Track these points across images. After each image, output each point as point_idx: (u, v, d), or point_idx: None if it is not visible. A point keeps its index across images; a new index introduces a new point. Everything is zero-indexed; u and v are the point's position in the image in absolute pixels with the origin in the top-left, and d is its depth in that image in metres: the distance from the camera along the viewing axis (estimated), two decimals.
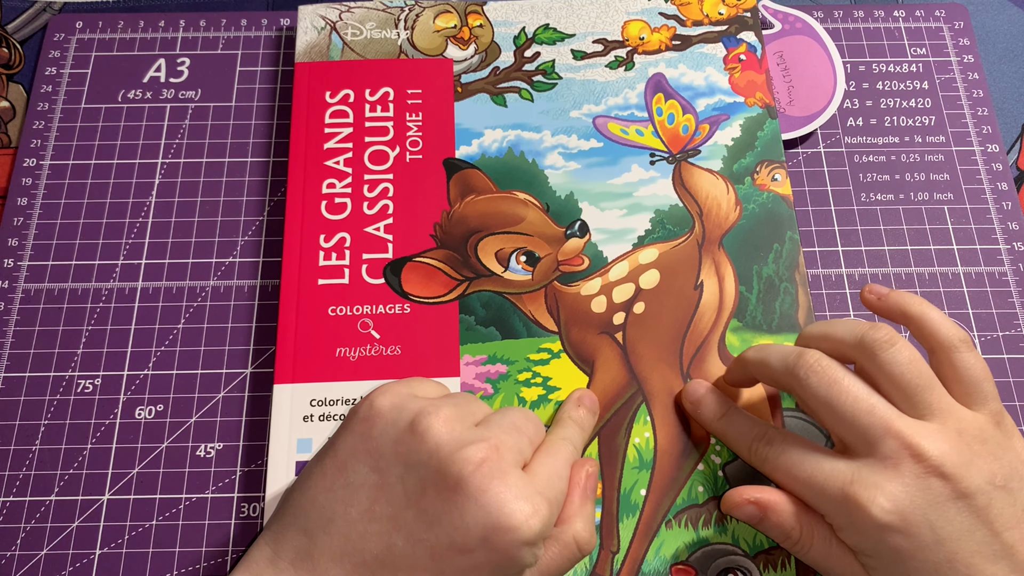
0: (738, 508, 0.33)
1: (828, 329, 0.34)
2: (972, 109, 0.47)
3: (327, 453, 0.31)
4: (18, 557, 0.36)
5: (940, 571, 0.29)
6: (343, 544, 0.29)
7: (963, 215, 0.44)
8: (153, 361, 0.40)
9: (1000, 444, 0.31)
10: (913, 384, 0.31)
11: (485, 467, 0.29)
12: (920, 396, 0.31)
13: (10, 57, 0.48)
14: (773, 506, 0.32)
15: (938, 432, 0.30)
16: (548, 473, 0.31)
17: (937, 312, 0.33)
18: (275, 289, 0.42)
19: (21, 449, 0.38)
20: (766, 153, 0.42)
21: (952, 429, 0.30)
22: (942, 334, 0.32)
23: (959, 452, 0.30)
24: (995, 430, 0.31)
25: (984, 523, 0.29)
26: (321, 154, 0.42)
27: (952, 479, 0.29)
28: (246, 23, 0.48)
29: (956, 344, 0.32)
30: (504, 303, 0.39)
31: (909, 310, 0.33)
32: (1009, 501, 0.29)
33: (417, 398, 0.31)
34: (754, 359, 0.34)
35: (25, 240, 0.43)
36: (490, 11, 0.45)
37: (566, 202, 0.41)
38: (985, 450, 0.30)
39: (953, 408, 0.31)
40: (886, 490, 0.29)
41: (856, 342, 0.32)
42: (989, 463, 0.30)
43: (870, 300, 0.35)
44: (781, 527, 0.32)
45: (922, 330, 0.33)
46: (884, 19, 0.49)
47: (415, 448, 0.29)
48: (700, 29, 0.45)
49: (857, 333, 0.32)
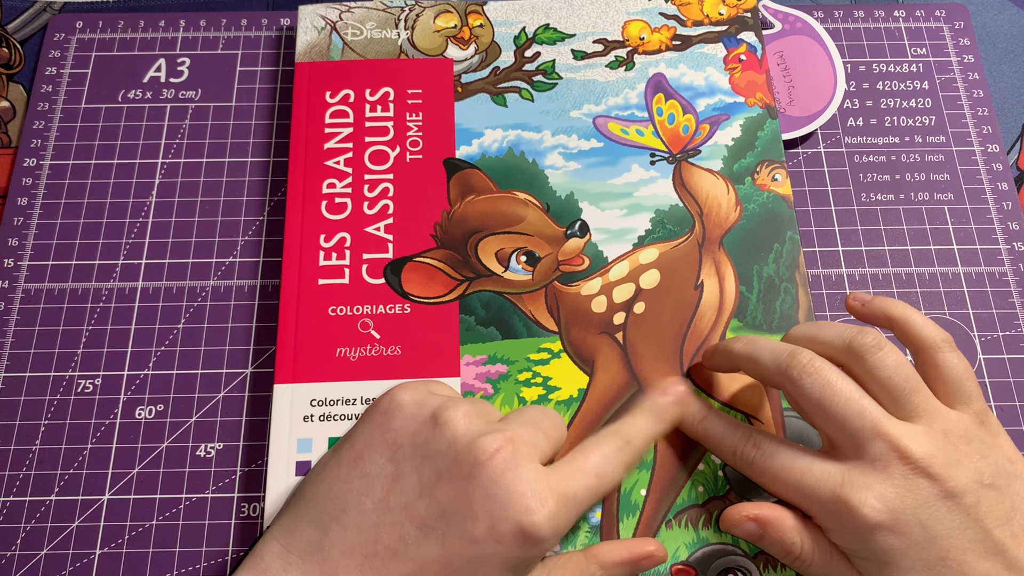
0: (737, 526, 0.32)
1: (816, 332, 0.34)
2: (972, 109, 0.47)
3: (344, 444, 0.31)
4: (18, 557, 0.36)
5: (933, 569, 0.29)
6: (356, 536, 0.29)
7: (963, 215, 0.44)
8: (153, 361, 0.40)
9: (985, 443, 0.31)
10: (900, 387, 0.31)
11: (499, 457, 0.29)
12: (907, 398, 0.31)
13: (10, 57, 0.48)
14: (773, 521, 0.32)
15: (925, 434, 0.30)
16: (570, 470, 0.31)
17: (919, 315, 0.33)
18: (275, 289, 0.42)
19: (21, 449, 0.38)
20: (766, 153, 0.42)
21: (938, 430, 0.31)
22: (924, 335, 0.33)
23: (946, 453, 0.30)
24: (980, 429, 0.31)
25: (974, 521, 0.29)
26: (321, 154, 0.42)
27: (940, 479, 0.29)
28: (246, 23, 0.48)
29: (939, 344, 0.32)
30: (504, 303, 0.39)
31: (892, 313, 0.34)
32: (998, 499, 0.30)
33: (437, 395, 0.32)
34: (742, 353, 0.34)
35: (25, 240, 0.43)
36: (490, 11, 0.45)
37: (566, 202, 0.41)
38: (971, 449, 0.30)
39: (939, 410, 0.31)
40: (876, 491, 0.30)
41: (844, 346, 0.32)
42: (976, 462, 0.30)
43: (854, 307, 0.35)
44: (782, 542, 0.32)
45: (906, 332, 0.33)
46: (884, 19, 0.49)
47: (434, 439, 0.30)
48: (700, 29, 0.45)
49: (845, 337, 0.32)
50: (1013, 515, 0.30)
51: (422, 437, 0.30)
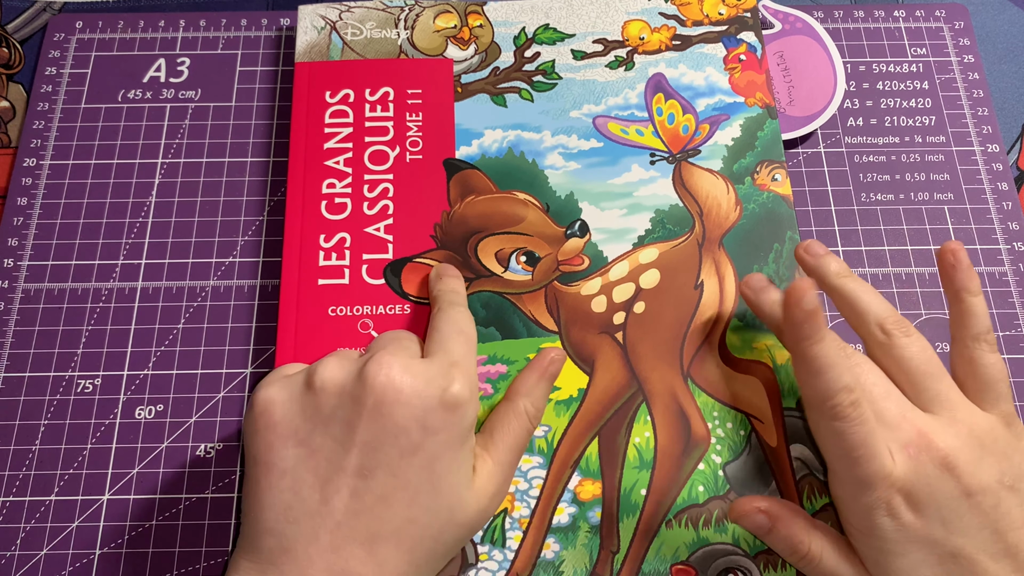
0: (747, 517, 0.32)
1: (858, 297, 0.34)
2: (972, 109, 0.47)
3: (249, 464, 0.31)
4: (18, 557, 0.36)
5: (944, 563, 0.29)
6: (311, 522, 0.29)
7: (963, 215, 0.44)
8: (153, 361, 0.40)
9: (1011, 444, 0.31)
10: (922, 371, 0.32)
11: (389, 373, 0.30)
12: (928, 384, 0.31)
13: (10, 57, 0.48)
14: (783, 517, 0.32)
15: (950, 427, 0.30)
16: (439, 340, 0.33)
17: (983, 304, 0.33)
18: (275, 289, 0.42)
19: (21, 449, 0.38)
20: (766, 153, 0.42)
21: (963, 424, 0.31)
22: (973, 324, 0.33)
23: (970, 448, 0.30)
24: (1006, 430, 0.31)
25: (991, 522, 0.29)
26: (321, 154, 0.42)
27: (962, 475, 0.29)
28: (246, 23, 0.48)
29: (981, 338, 0.33)
30: (504, 303, 0.39)
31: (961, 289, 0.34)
32: (1016, 501, 0.30)
33: (293, 372, 0.32)
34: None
35: (25, 240, 0.43)
36: (490, 11, 0.45)
37: (566, 202, 0.41)
38: (996, 448, 0.30)
39: (962, 404, 0.31)
40: (901, 458, 0.30)
41: (877, 323, 0.33)
42: (999, 462, 0.30)
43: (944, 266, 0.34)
44: (790, 539, 0.31)
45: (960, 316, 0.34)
46: (884, 19, 0.49)
47: (322, 402, 0.30)
48: (700, 29, 0.45)
49: (881, 315, 0.33)
50: None
51: (311, 408, 0.30)
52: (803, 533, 0.31)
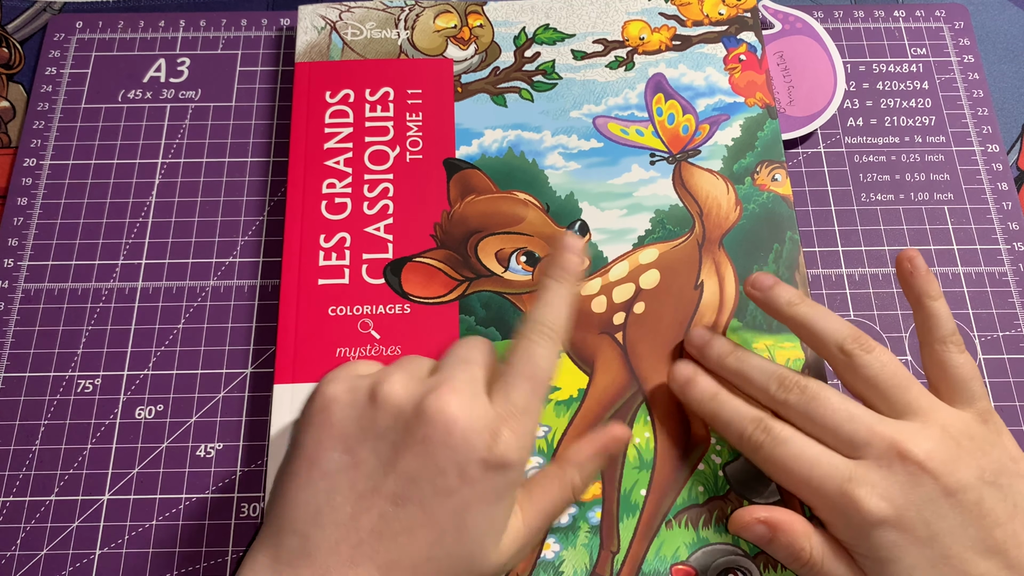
0: (747, 528, 0.32)
1: (815, 321, 0.34)
2: (972, 109, 0.47)
3: (295, 454, 0.31)
4: (18, 557, 0.37)
5: (936, 567, 0.29)
6: (336, 532, 0.29)
7: (963, 215, 0.44)
8: (153, 361, 0.40)
9: (988, 440, 0.31)
10: (890, 384, 0.32)
11: (446, 410, 0.29)
12: (898, 396, 0.32)
13: (10, 57, 0.48)
14: (783, 525, 0.32)
15: (921, 431, 0.31)
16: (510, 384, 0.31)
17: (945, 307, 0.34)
18: (275, 289, 0.42)
19: (21, 449, 0.38)
20: (766, 153, 0.42)
21: (935, 426, 0.31)
22: (939, 327, 0.33)
23: (945, 449, 0.30)
24: (982, 427, 0.31)
25: (975, 519, 0.29)
26: (321, 154, 0.42)
27: (940, 476, 0.30)
28: (246, 23, 0.48)
29: (947, 341, 0.33)
30: (504, 303, 0.39)
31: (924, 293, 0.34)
32: (999, 497, 0.30)
33: (364, 375, 0.32)
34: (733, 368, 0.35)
35: (25, 240, 0.43)
36: (490, 11, 0.45)
37: (566, 202, 0.41)
38: (973, 446, 0.30)
39: (936, 407, 0.32)
40: (881, 487, 0.30)
41: (836, 346, 0.33)
42: (977, 459, 0.30)
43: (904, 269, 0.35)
44: (791, 547, 0.31)
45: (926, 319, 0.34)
46: (884, 19, 0.49)
47: (379, 417, 0.30)
48: (700, 29, 0.45)
49: (838, 338, 0.33)
50: (1015, 514, 0.30)
51: (367, 420, 0.30)
52: (803, 540, 0.31)
